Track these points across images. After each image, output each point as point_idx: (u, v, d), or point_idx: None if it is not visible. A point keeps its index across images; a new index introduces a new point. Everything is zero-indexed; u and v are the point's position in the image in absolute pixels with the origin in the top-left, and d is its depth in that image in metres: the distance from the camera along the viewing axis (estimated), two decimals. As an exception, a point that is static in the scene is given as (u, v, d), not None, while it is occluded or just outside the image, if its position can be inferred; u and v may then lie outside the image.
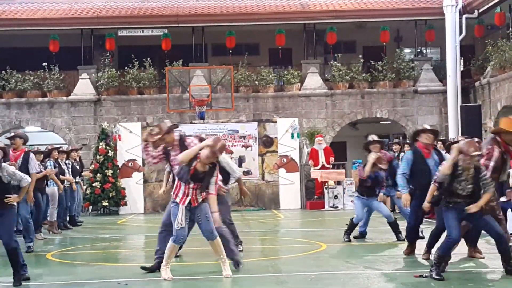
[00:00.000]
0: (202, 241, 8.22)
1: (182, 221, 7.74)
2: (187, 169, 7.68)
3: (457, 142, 9.89)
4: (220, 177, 8.33)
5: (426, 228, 10.42)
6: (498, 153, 8.24)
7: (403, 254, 9.53)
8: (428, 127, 9.80)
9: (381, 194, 11.31)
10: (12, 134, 12.25)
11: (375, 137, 11.67)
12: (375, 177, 11.13)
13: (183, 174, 7.71)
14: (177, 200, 7.79)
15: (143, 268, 8.41)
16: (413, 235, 9.61)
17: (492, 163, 8.16)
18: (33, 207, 13.02)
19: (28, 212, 11.36)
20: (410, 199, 9.25)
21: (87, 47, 24.18)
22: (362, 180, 11.26)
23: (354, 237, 11.65)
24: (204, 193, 7.78)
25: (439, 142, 14.20)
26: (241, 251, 9.54)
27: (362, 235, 11.70)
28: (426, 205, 8.17)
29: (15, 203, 7.96)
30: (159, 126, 8.34)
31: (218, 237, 7.89)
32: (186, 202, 7.74)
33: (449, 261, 8.01)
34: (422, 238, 9.79)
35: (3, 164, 8.02)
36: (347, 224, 11.55)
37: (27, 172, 10.78)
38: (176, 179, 7.91)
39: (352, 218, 11.48)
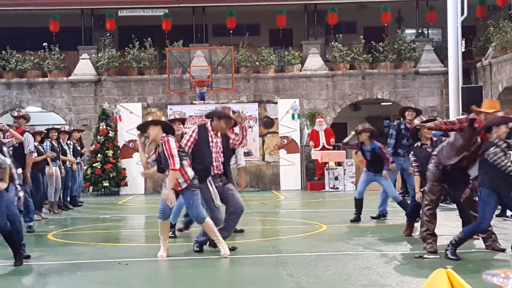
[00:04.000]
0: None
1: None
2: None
3: None
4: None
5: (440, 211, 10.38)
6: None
7: (403, 235, 9.56)
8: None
9: (384, 171, 11.14)
10: (21, 113, 12.14)
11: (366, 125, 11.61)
12: (371, 150, 11.12)
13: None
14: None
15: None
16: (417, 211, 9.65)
17: None
18: (33, 188, 13.05)
19: (27, 192, 11.34)
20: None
21: (87, 27, 24.11)
22: (362, 154, 11.40)
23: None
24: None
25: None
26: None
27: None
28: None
29: (3, 189, 7.68)
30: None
31: (206, 221, 7.90)
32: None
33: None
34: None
35: None
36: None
37: (22, 151, 10.88)
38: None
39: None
